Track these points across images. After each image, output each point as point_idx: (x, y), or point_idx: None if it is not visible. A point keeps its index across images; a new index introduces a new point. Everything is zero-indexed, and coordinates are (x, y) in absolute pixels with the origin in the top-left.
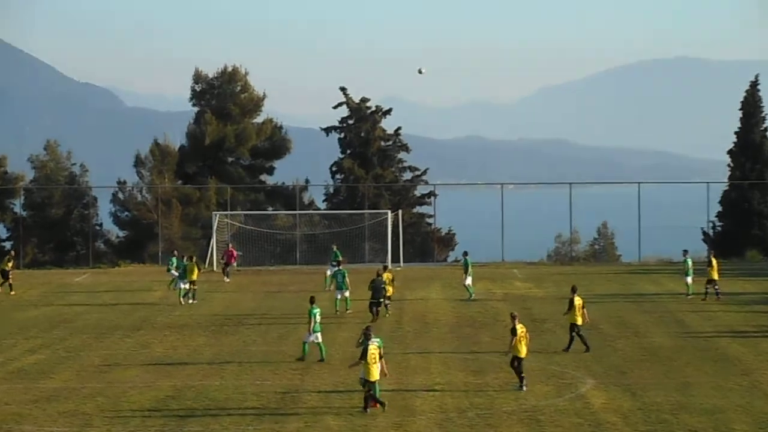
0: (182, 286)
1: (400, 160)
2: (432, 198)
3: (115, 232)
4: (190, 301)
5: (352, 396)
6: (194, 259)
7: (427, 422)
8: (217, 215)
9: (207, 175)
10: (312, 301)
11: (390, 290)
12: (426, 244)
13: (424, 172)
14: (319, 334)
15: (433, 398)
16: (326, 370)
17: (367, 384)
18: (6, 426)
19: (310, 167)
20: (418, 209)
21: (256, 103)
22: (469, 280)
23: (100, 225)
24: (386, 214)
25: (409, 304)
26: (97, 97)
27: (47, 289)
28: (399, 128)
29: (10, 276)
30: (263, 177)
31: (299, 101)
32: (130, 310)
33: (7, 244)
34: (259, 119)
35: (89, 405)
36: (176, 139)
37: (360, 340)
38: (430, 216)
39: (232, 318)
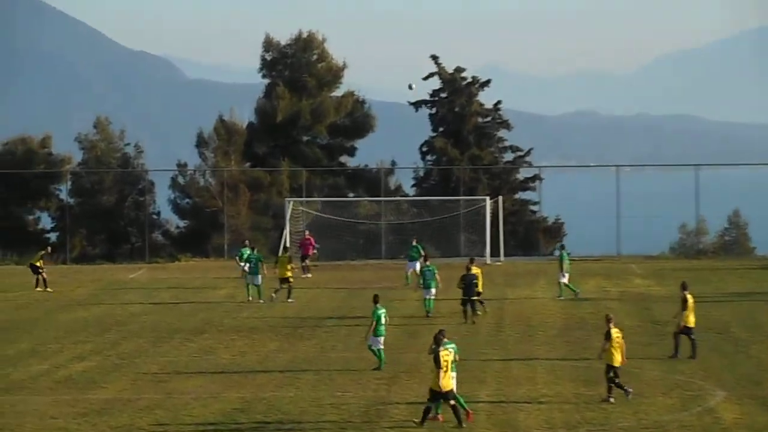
0: (258, 283)
1: (500, 139)
2: (537, 182)
3: (174, 222)
4: (289, 300)
5: (444, 409)
6: (288, 252)
7: None
8: (291, 202)
9: (279, 156)
10: (376, 300)
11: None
12: (530, 235)
13: (528, 153)
14: (381, 339)
15: (539, 412)
16: (416, 380)
17: (438, 396)
18: None
19: (396, 147)
20: (520, 195)
21: (334, 74)
22: (566, 278)
23: (158, 214)
24: (484, 200)
25: (510, 304)
26: (153, 67)
27: (97, 286)
28: (499, 102)
29: (42, 272)
30: (343, 158)
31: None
32: (191, 311)
33: (53, 236)
34: (338, 92)
35: (145, 419)
36: (244, 116)
37: (432, 347)
38: (535, 203)
39: (309, 320)
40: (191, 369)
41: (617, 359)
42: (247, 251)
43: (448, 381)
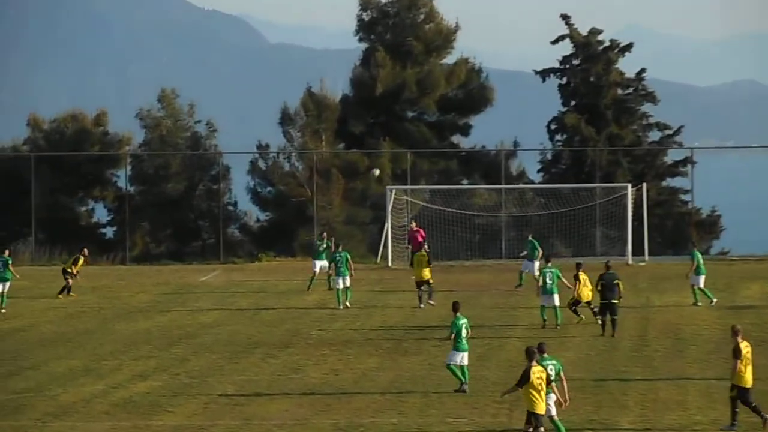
0: (340, 285)
1: (645, 115)
2: (688, 166)
3: (254, 215)
4: (431, 302)
5: None
6: (426, 248)
7: None
8: (393, 191)
9: (379, 135)
10: (455, 308)
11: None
12: (680, 230)
13: (678, 131)
14: (465, 355)
15: None
16: None
17: (534, 418)
18: None
19: (519, 125)
20: (669, 182)
21: (446, 38)
22: (701, 282)
23: (234, 204)
24: (625, 188)
25: (656, 313)
26: (228, 30)
27: (162, 291)
28: (643, 70)
29: (73, 279)
30: (456, 138)
31: (503, 34)
32: (274, 321)
33: (109, 231)
34: (449, 59)
35: None
36: (337, 87)
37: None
38: (686, 191)
39: (414, 331)
40: (274, 390)
41: (748, 380)
42: (323, 245)
43: (541, 403)
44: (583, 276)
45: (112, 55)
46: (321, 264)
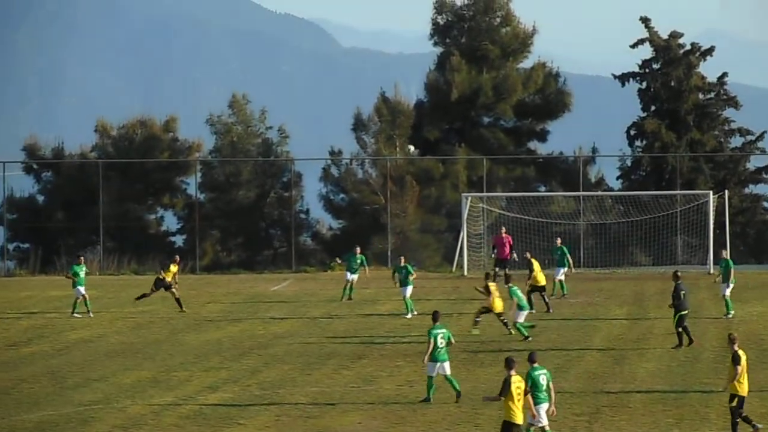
0: (407, 294)
1: (726, 120)
2: None
3: (326, 222)
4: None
5: None
6: (530, 254)
7: None
8: (469, 198)
9: (454, 141)
10: (435, 318)
11: None
12: (764, 239)
13: (761, 137)
14: (446, 365)
15: None
16: (624, 416)
17: (511, 427)
18: None
19: (598, 131)
20: (752, 189)
21: (522, 42)
22: (727, 291)
23: (306, 212)
24: (707, 195)
25: (739, 323)
26: (301, 34)
27: (233, 301)
28: (724, 75)
29: (176, 288)
30: (533, 144)
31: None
32: (347, 331)
33: (179, 239)
34: (526, 64)
35: None
36: (411, 93)
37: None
38: None
39: (490, 342)
40: (347, 401)
41: (744, 388)
42: (358, 259)
43: (518, 413)
44: (492, 286)
45: (182, 60)
46: (353, 277)
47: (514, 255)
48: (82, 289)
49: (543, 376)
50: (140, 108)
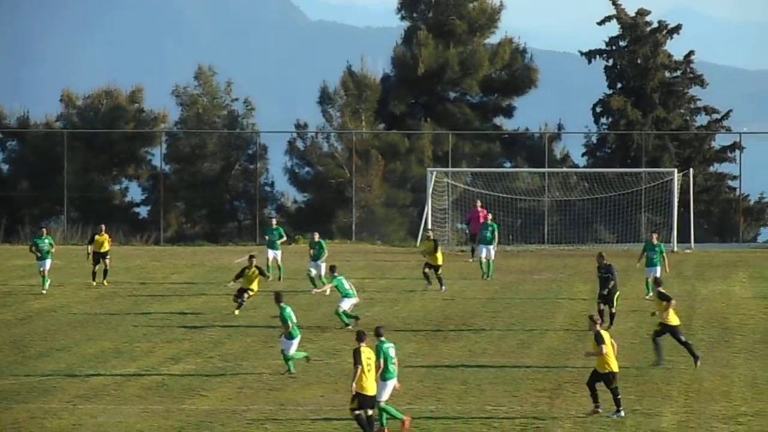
0: (317, 271)
1: (692, 98)
2: (737, 152)
3: (291, 196)
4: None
5: (607, 427)
6: (430, 234)
7: None
8: (434, 173)
9: (420, 116)
10: (279, 299)
11: None
12: (727, 218)
13: (726, 116)
14: (295, 342)
15: None
16: (584, 392)
17: (361, 399)
18: None
19: (563, 107)
20: (716, 168)
21: (489, 17)
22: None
23: (271, 185)
24: (672, 173)
25: (702, 301)
26: (268, 6)
27: (197, 273)
28: (691, 53)
29: (108, 261)
30: (498, 120)
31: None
32: (311, 305)
33: (143, 210)
34: (493, 39)
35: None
36: (378, 67)
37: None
38: (734, 177)
39: (454, 318)
40: (310, 375)
41: (613, 363)
42: (275, 231)
43: (370, 384)
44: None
45: (149, 30)
46: (275, 252)
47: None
48: (44, 263)
49: (392, 349)
50: (106, 78)
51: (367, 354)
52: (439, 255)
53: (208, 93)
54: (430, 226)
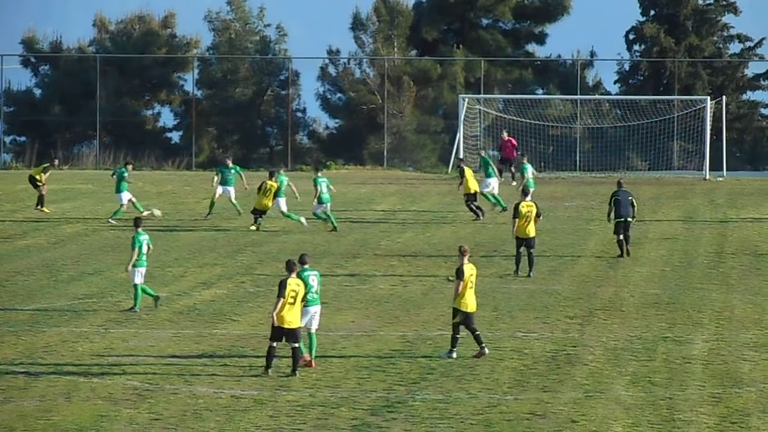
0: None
1: (726, 26)
2: None
3: (323, 122)
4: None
5: (638, 355)
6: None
7: (758, 395)
8: (466, 99)
9: (452, 43)
10: (137, 224)
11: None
12: (760, 146)
13: (759, 43)
14: (144, 270)
15: (767, 362)
16: (616, 320)
17: (281, 333)
18: (171, 386)
19: (596, 34)
20: (749, 95)
21: None
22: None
23: (303, 111)
24: (704, 101)
25: (734, 229)
26: None
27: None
28: None
29: (43, 188)
30: (531, 47)
31: None
32: (342, 230)
33: (175, 136)
34: None
35: (284, 360)
36: None
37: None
38: (766, 105)
39: (485, 244)
40: (341, 301)
41: (470, 303)
42: (231, 170)
43: (295, 317)
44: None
45: None
46: (228, 189)
47: (519, 154)
48: (124, 195)
49: (313, 277)
50: (138, 3)
51: (293, 286)
52: (470, 182)
53: (240, 18)
54: (462, 154)
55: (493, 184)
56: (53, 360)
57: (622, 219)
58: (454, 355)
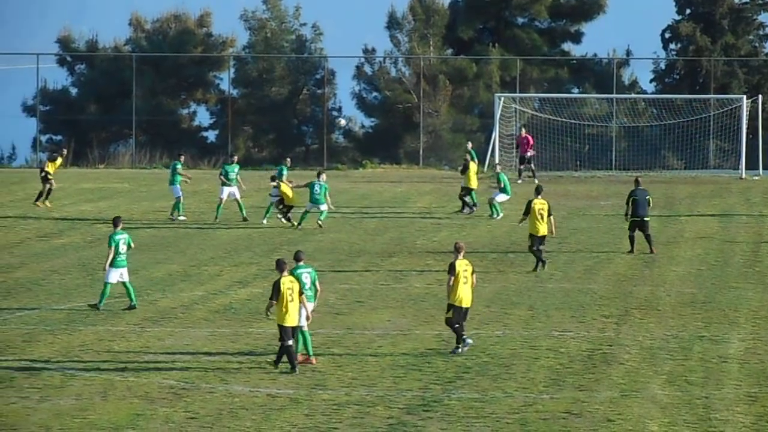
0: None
1: (762, 25)
2: None
3: (359, 120)
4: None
5: (674, 354)
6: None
7: None
8: (502, 98)
9: (488, 42)
10: (116, 224)
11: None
12: None
13: None
14: (124, 271)
15: None
16: (652, 318)
17: (282, 331)
18: (207, 384)
19: (633, 33)
20: None
21: None
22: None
23: (339, 110)
24: (741, 100)
25: None
26: None
27: (264, 197)
28: None
29: (52, 181)
30: (567, 46)
31: None
32: (378, 229)
33: (211, 135)
34: None
35: (320, 359)
36: None
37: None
38: None
39: (520, 243)
40: (377, 299)
41: (465, 299)
42: (235, 168)
43: (292, 315)
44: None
45: None
46: (232, 189)
47: (533, 152)
48: (179, 188)
49: (306, 275)
50: (174, 2)
51: (287, 284)
52: (472, 180)
53: (276, 17)
54: (497, 154)
55: (504, 199)
56: (89, 358)
57: (639, 218)
58: (469, 341)
